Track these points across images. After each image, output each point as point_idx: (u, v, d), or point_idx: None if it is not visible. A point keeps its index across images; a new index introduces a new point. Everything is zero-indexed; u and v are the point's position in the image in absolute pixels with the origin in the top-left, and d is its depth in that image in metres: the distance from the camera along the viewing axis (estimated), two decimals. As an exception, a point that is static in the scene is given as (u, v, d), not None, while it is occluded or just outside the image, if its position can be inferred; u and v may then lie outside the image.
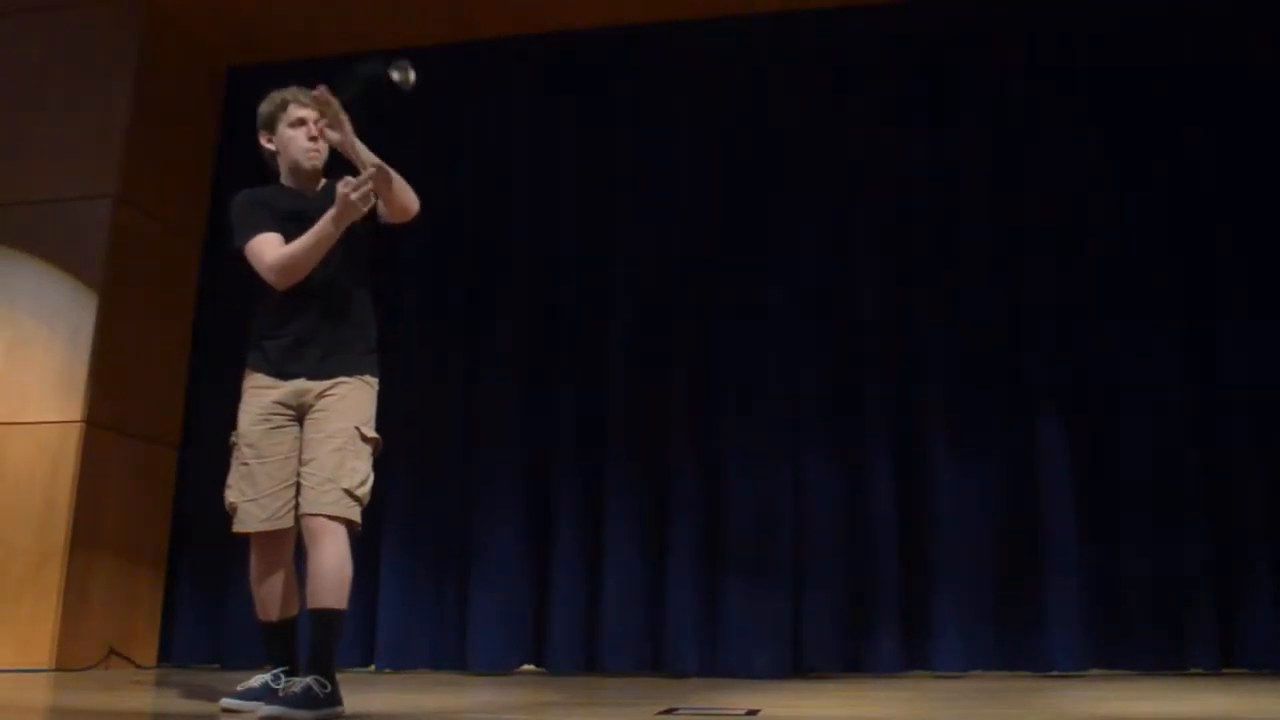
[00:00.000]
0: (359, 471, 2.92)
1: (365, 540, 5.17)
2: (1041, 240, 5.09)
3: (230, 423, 3.10)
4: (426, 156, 5.73)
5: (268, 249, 2.98)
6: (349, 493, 2.88)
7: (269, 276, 2.98)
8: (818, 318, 5.19)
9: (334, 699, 2.79)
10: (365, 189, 2.86)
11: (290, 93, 3.16)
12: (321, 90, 2.95)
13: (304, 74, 6.09)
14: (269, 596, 3.06)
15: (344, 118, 2.98)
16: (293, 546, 3.06)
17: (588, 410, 5.28)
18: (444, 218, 5.64)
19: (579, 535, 5.15)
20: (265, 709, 2.71)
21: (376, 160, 2.94)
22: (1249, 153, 4.97)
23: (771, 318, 5.20)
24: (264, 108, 3.21)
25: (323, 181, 3.20)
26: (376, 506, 5.21)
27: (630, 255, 5.42)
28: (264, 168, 3.25)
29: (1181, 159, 5.05)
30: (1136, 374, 4.88)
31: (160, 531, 5.46)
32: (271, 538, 3.02)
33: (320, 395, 2.97)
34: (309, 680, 2.75)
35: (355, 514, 2.91)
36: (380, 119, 5.74)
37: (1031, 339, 5.01)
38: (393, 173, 2.97)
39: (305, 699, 2.71)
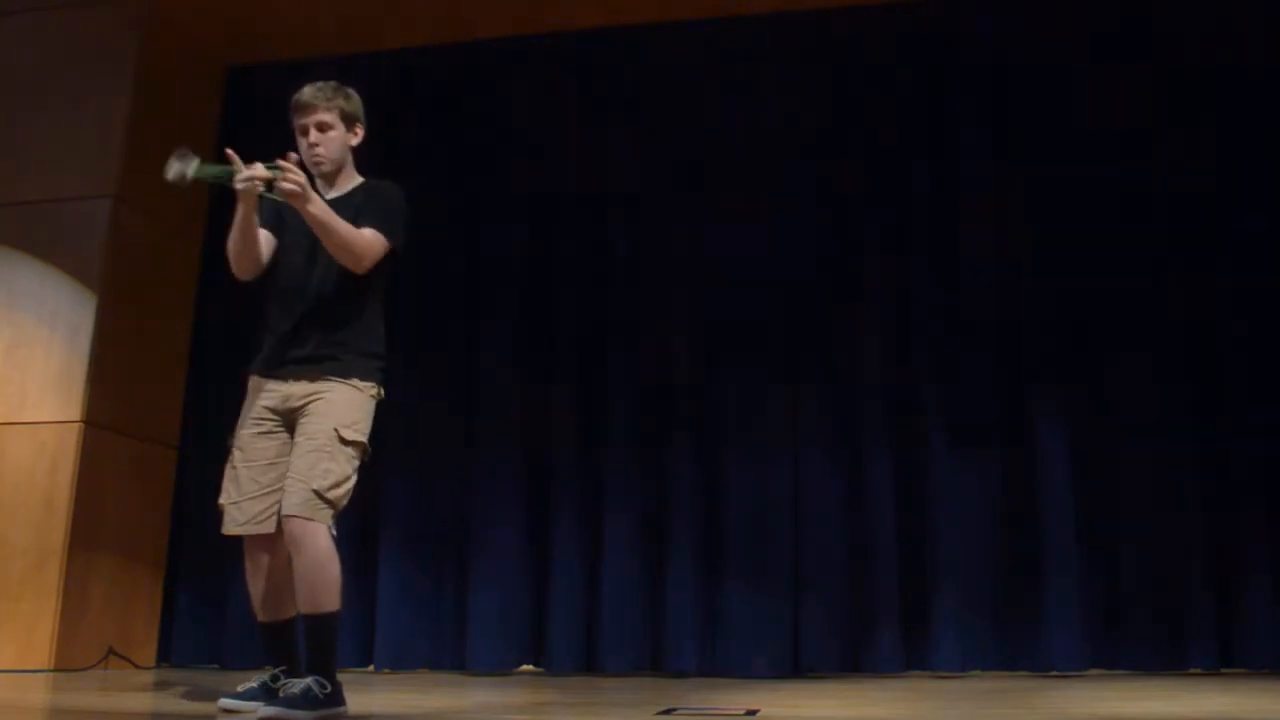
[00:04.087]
0: (332, 473, 2.86)
1: (365, 541, 5.25)
2: (1042, 239, 5.08)
3: (229, 423, 3.11)
4: (425, 157, 5.74)
5: None
6: (318, 494, 2.83)
7: None
8: (817, 317, 5.19)
9: (335, 699, 2.79)
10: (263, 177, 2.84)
11: (296, 96, 3.11)
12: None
13: (304, 74, 6.08)
14: (260, 598, 3.05)
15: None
16: (284, 551, 3.04)
17: (587, 410, 5.28)
18: (443, 217, 5.65)
19: (578, 535, 5.15)
20: (265, 709, 2.71)
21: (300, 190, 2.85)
22: (1251, 150, 4.97)
23: (771, 317, 5.21)
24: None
25: (356, 181, 3.16)
26: (376, 507, 5.27)
27: (630, 254, 5.43)
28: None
29: (1182, 156, 5.05)
30: (1136, 374, 4.88)
31: (159, 532, 5.46)
32: (256, 541, 3.00)
33: (306, 399, 2.96)
34: (309, 681, 2.75)
35: (324, 516, 2.85)
36: (378, 122, 5.81)
37: (1032, 339, 5.01)
38: (332, 226, 2.90)
39: (305, 699, 2.71)
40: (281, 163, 2.85)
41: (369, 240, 2.97)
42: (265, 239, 3.07)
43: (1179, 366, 4.87)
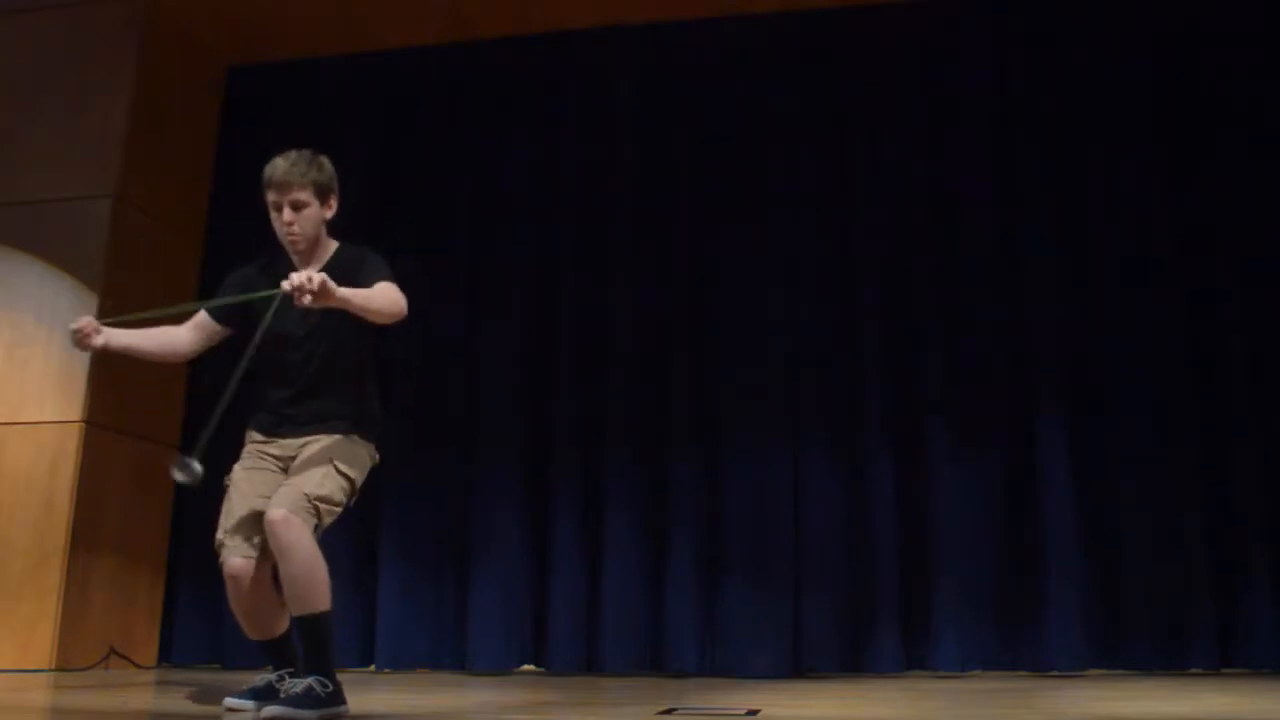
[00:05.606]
0: (325, 487, 2.89)
1: (365, 541, 5.25)
2: (1042, 240, 5.08)
3: (231, 423, 3.10)
4: (426, 157, 5.74)
5: None
6: (308, 496, 2.85)
7: None
8: (817, 318, 5.19)
9: (336, 698, 2.79)
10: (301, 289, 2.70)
11: (268, 170, 3.02)
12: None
13: (303, 74, 6.11)
14: (250, 620, 3.05)
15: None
16: (267, 583, 3.00)
17: (588, 410, 5.28)
18: (444, 217, 5.65)
19: (579, 535, 5.15)
20: (268, 709, 2.71)
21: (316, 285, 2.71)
22: (1250, 152, 4.97)
23: (771, 317, 5.21)
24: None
25: (332, 248, 3.11)
26: (376, 508, 5.26)
27: (630, 254, 5.43)
28: (264, 167, 3.20)
29: (1181, 158, 5.05)
30: (1136, 374, 4.88)
31: (160, 531, 5.46)
32: (237, 568, 2.96)
33: (307, 443, 3.00)
34: (310, 680, 2.76)
35: (308, 518, 2.84)
36: (378, 123, 5.83)
37: (1032, 339, 5.01)
38: (366, 303, 2.85)
39: (307, 699, 2.71)
40: (286, 285, 2.72)
41: (393, 292, 2.97)
42: (200, 328, 3.14)
43: (1179, 366, 4.86)
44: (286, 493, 2.86)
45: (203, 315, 3.14)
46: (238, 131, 5.96)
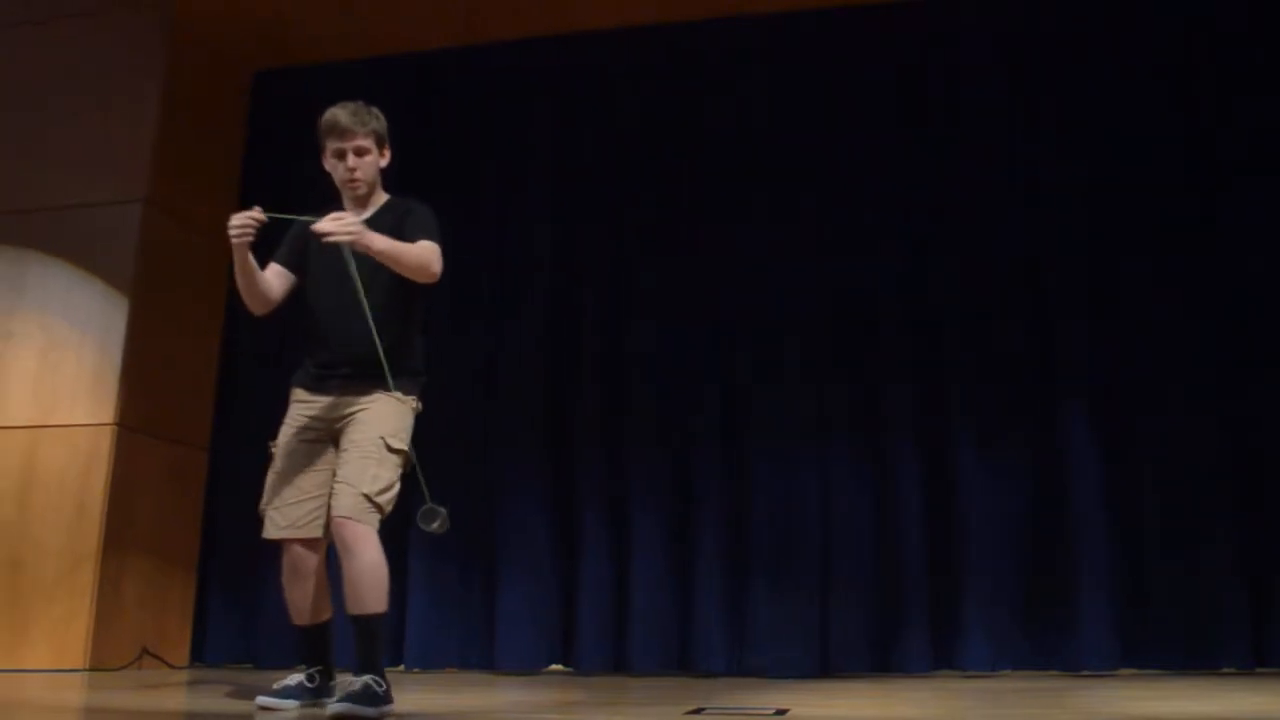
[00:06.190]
0: (380, 479, 2.92)
1: (394, 542, 5.23)
2: (1066, 235, 5.05)
3: (260, 425, 3.15)
4: (451, 157, 5.77)
5: None
6: (368, 498, 2.89)
7: None
8: (841, 319, 5.17)
9: (389, 697, 2.83)
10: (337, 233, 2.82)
11: (330, 119, 3.09)
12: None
13: (328, 78, 6.14)
14: (297, 603, 3.10)
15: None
16: (322, 557, 3.07)
17: (613, 410, 5.29)
18: (461, 219, 5.67)
19: (606, 535, 5.16)
20: (334, 706, 2.73)
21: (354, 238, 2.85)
22: (1263, 141, 4.91)
23: (794, 319, 5.19)
24: (319, 128, 3.14)
25: (384, 199, 3.19)
26: (404, 508, 5.28)
27: (650, 256, 5.43)
28: (292, 171, 3.25)
29: (1192, 152, 5.00)
30: (1165, 370, 4.84)
31: (192, 533, 5.51)
32: (294, 547, 3.04)
33: (351, 410, 3.01)
34: (367, 679, 2.79)
35: (373, 520, 2.90)
36: (404, 124, 5.84)
37: (1058, 337, 4.98)
38: (400, 253, 2.93)
39: (367, 696, 2.75)
40: (318, 227, 2.84)
41: (432, 249, 3.01)
42: (280, 275, 3.14)
43: (1209, 363, 4.82)
44: (348, 495, 2.89)
45: (276, 264, 3.16)
46: (265, 135, 6.01)
